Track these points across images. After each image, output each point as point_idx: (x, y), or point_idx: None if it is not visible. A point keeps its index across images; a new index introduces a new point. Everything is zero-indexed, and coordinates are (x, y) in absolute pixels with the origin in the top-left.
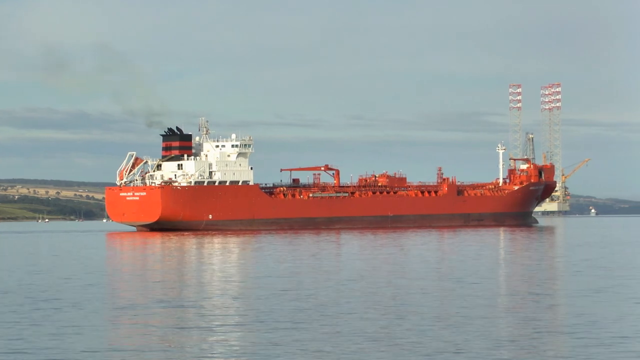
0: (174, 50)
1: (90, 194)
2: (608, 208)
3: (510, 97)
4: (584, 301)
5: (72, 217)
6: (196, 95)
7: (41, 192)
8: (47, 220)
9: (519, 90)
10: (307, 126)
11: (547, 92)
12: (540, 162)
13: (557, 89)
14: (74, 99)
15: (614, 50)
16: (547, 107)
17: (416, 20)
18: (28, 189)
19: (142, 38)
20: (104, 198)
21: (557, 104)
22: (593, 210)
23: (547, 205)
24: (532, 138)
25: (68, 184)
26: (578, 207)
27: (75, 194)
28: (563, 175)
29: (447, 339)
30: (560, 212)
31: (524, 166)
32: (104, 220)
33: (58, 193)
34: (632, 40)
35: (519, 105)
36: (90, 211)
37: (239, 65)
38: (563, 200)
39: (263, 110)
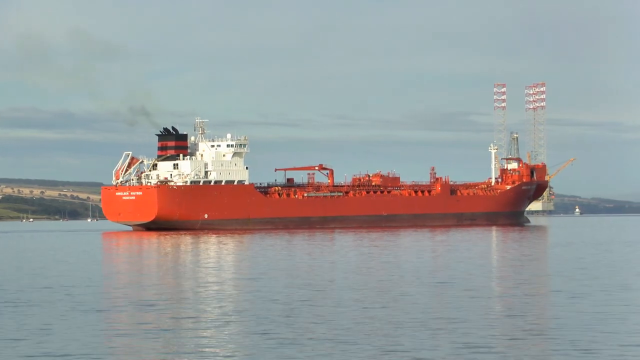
0: (158, 49)
1: (75, 194)
2: (593, 208)
3: (495, 97)
4: (576, 302)
5: (56, 217)
6: (181, 94)
7: (25, 191)
8: (31, 220)
9: (503, 89)
10: (292, 126)
11: (531, 92)
12: (524, 161)
13: (542, 89)
14: (58, 99)
15: (599, 50)
16: (531, 107)
17: (401, 21)
18: (12, 188)
19: (127, 37)
20: (88, 197)
21: (542, 104)
22: (577, 210)
23: (532, 205)
24: (517, 137)
25: (52, 184)
26: (563, 206)
27: (59, 194)
28: (547, 174)
29: (425, 342)
30: (544, 212)
31: (516, 165)
32: (89, 220)
33: (42, 193)
34: (617, 41)
35: (503, 105)
36: (74, 211)
37: (223, 65)
38: (547, 199)
39: (247, 110)
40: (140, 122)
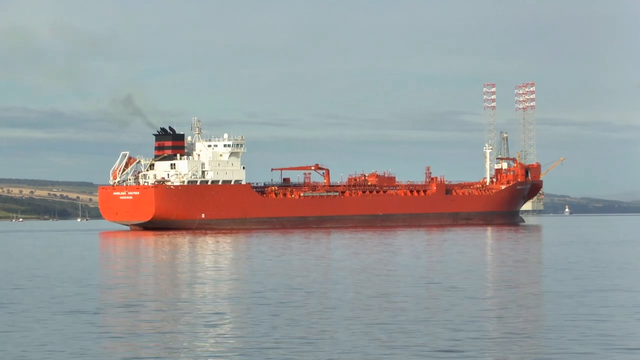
0: (148, 49)
1: (65, 193)
2: (582, 207)
3: (485, 97)
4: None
5: (46, 217)
6: (171, 94)
7: (15, 191)
8: (21, 219)
9: (493, 89)
10: (282, 125)
11: (521, 92)
12: (519, 161)
13: (532, 89)
14: (48, 98)
15: (588, 50)
16: (521, 107)
17: (392, 20)
18: (2, 188)
19: (116, 37)
20: (78, 197)
21: (532, 104)
22: (567, 210)
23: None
24: (507, 137)
25: (42, 184)
26: (552, 206)
27: (49, 194)
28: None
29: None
30: (534, 211)
31: (508, 165)
32: (79, 220)
33: (32, 192)
34: (607, 40)
35: (493, 104)
36: (64, 210)
37: (213, 65)
38: (537, 199)
39: (236, 110)
40: (130, 121)
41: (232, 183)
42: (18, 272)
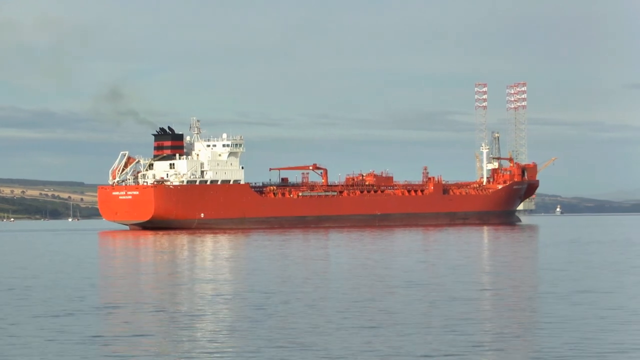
0: (140, 48)
1: (56, 193)
2: (573, 207)
3: (476, 97)
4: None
5: (37, 217)
6: (161, 94)
7: (6, 191)
8: (12, 219)
9: (484, 89)
10: (273, 125)
11: (512, 92)
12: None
13: (523, 88)
14: (39, 98)
15: (580, 50)
16: (512, 106)
17: (383, 21)
18: None
19: (109, 35)
20: (69, 197)
21: (523, 103)
22: (559, 209)
23: None
24: (498, 137)
25: (33, 183)
26: (544, 206)
27: (40, 193)
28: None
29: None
30: (526, 211)
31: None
32: (70, 220)
33: (23, 192)
34: (598, 41)
35: (484, 104)
36: (55, 210)
37: (204, 64)
38: (529, 199)
39: (228, 109)
40: (122, 120)
41: (231, 183)
42: (23, 272)
